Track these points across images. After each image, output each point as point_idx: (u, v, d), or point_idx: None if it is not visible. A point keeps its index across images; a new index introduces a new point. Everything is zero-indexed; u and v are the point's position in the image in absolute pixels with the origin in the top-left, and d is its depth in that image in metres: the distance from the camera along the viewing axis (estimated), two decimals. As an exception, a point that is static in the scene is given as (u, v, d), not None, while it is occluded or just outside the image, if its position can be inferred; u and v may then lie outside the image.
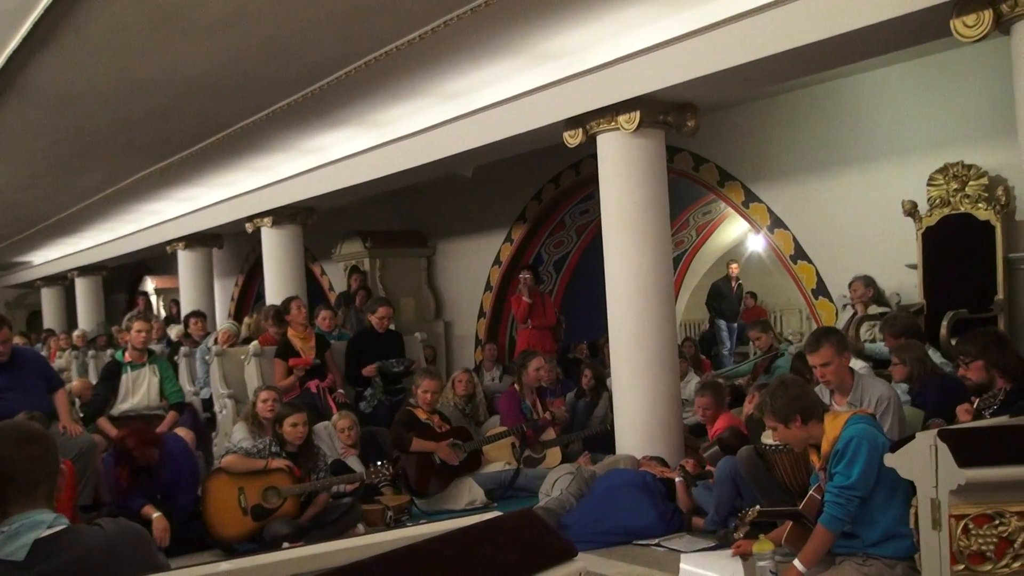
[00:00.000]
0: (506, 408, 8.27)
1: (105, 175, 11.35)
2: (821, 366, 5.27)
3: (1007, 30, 5.20)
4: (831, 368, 5.26)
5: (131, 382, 7.93)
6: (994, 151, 7.70)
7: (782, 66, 6.48)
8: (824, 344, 5.28)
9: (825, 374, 5.29)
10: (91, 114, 8.34)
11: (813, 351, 5.33)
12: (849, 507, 4.26)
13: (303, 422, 6.58)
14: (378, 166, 9.99)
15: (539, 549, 2.40)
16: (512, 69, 7.66)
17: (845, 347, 5.44)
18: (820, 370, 5.30)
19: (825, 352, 5.25)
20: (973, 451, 3.62)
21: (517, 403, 8.19)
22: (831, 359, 5.25)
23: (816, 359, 5.30)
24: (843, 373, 5.33)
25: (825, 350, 5.26)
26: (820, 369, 5.29)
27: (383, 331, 9.08)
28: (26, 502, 2.40)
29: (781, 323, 16.10)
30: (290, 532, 6.16)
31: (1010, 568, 3.64)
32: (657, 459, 6.94)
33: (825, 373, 5.29)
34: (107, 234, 16.90)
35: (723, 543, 5.68)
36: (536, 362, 8.33)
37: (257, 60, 7.06)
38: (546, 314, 11.11)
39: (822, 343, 5.30)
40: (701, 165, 10.24)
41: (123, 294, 22.09)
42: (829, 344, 5.28)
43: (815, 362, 5.31)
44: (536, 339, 10.94)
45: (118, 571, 2.34)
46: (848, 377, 5.37)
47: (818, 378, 5.41)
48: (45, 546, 2.33)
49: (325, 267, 15.75)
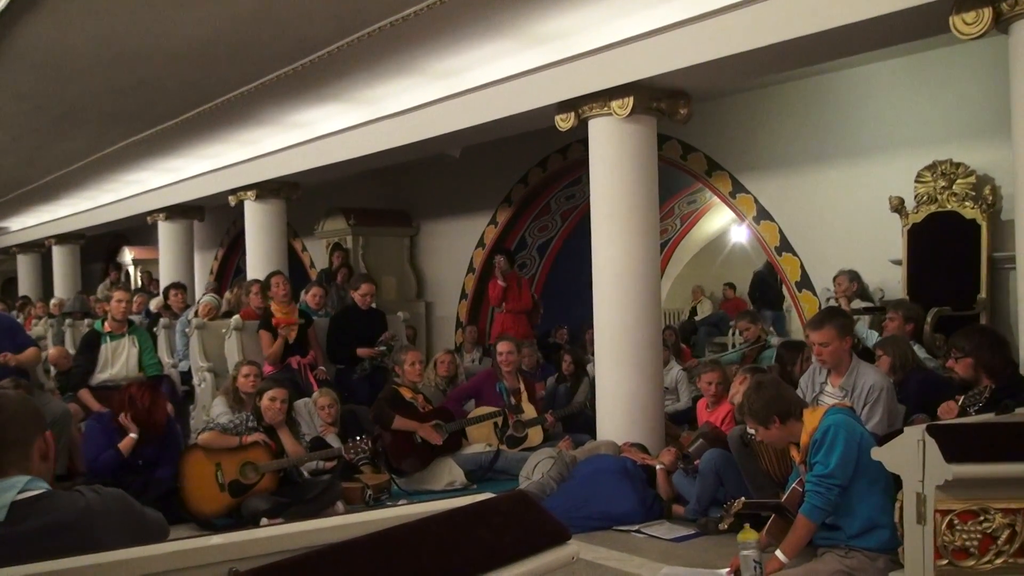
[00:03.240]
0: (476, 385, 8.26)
1: (87, 142, 11.22)
2: (820, 345, 5.34)
3: (1006, 29, 5.21)
4: (829, 349, 5.33)
5: (110, 352, 7.86)
6: (983, 150, 7.73)
7: (779, 57, 6.47)
8: (828, 324, 5.35)
9: (822, 353, 5.36)
10: (77, 80, 8.22)
11: (816, 329, 5.39)
12: (829, 496, 4.28)
13: (283, 398, 6.54)
14: (365, 143, 9.92)
15: (534, 531, 2.38)
16: (505, 50, 7.60)
17: (848, 332, 5.50)
18: (818, 348, 5.37)
19: (827, 332, 5.32)
20: (961, 447, 3.63)
21: (492, 383, 8.17)
22: (831, 340, 5.32)
23: (817, 337, 5.35)
24: (841, 355, 5.39)
25: (828, 330, 5.32)
26: (818, 348, 5.36)
27: (366, 308, 9.03)
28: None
29: (762, 315, 16.14)
30: (268, 508, 6.12)
31: (992, 564, 3.65)
32: (638, 446, 6.95)
33: (823, 352, 5.36)
34: (86, 202, 16.71)
35: (703, 531, 5.71)
36: (501, 346, 8.30)
37: (248, 31, 6.98)
38: (522, 298, 11.06)
39: (826, 323, 5.37)
40: (690, 154, 10.23)
41: (101, 263, 21.89)
42: (833, 325, 5.34)
43: (815, 339, 5.37)
44: (511, 323, 10.90)
45: (101, 537, 2.30)
46: (846, 361, 5.42)
47: (814, 356, 5.45)
48: (24, 508, 2.29)
49: (307, 243, 15.65)
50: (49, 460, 2.55)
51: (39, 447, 2.49)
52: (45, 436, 2.53)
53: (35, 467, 2.46)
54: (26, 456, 2.44)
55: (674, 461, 6.34)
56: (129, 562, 1.90)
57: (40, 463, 2.49)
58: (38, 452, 2.49)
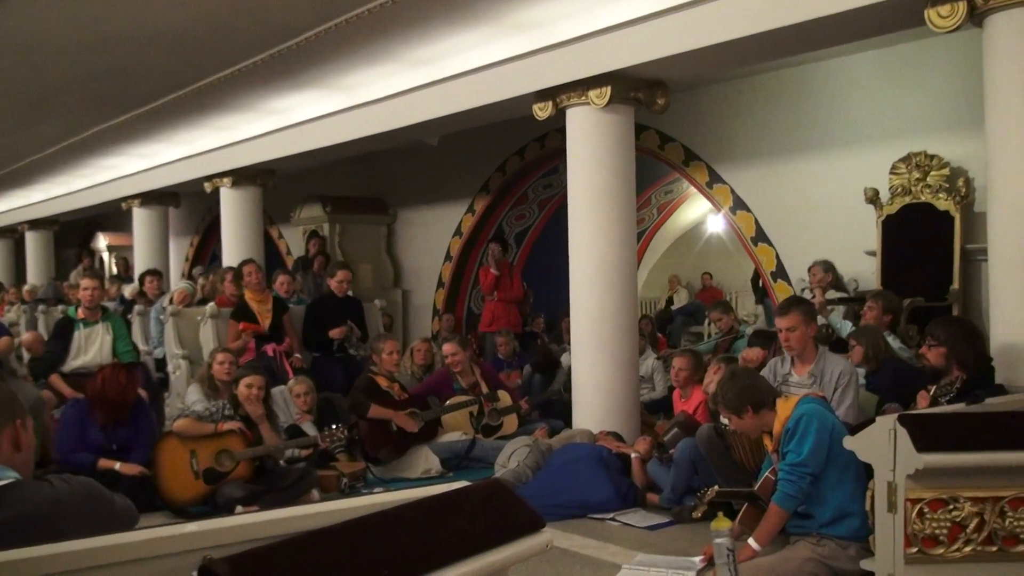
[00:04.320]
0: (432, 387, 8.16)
1: (62, 127, 11.11)
2: (787, 330, 5.43)
3: (980, 22, 5.27)
4: (796, 334, 5.42)
5: (83, 339, 7.80)
6: (957, 142, 7.80)
7: (755, 48, 6.51)
8: (793, 310, 5.46)
9: (789, 339, 5.45)
10: (51, 64, 8.13)
11: (782, 314, 5.50)
12: (801, 483, 4.32)
13: (259, 385, 6.51)
14: (342, 130, 9.89)
15: (508, 519, 2.39)
16: (484, 38, 7.59)
17: (813, 319, 5.61)
18: (785, 334, 5.46)
19: (793, 317, 5.42)
20: (931, 436, 3.67)
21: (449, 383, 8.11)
22: (798, 325, 5.41)
23: (783, 322, 5.45)
24: (807, 342, 5.49)
25: (793, 315, 5.42)
26: (785, 333, 5.46)
27: (342, 295, 9.00)
28: None
29: (737, 304, 16.22)
30: (243, 495, 6.10)
31: (961, 552, 3.70)
32: (613, 434, 6.98)
33: (789, 338, 5.44)
34: (60, 187, 16.55)
35: (677, 519, 5.74)
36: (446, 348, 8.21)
37: (225, 16, 6.92)
38: (513, 287, 11.07)
39: (792, 308, 5.49)
40: (667, 144, 10.25)
41: (74, 249, 21.70)
42: (798, 311, 5.46)
43: (782, 325, 5.47)
44: (502, 311, 10.92)
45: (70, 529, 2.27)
46: (811, 348, 5.52)
47: (782, 342, 5.52)
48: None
49: (283, 231, 15.58)
50: (23, 449, 2.51)
51: (8, 435, 2.46)
52: (16, 425, 2.49)
53: (4, 456, 2.43)
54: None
55: (649, 450, 6.37)
56: (101, 550, 1.89)
57: (12, 452, 2.46)
58: (8, 440, 2.45)
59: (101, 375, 6.51)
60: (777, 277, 9.35)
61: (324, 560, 1.96)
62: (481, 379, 8.15)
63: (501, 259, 10.99)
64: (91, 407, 6.44)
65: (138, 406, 6.65)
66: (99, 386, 6.41)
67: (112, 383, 6.40)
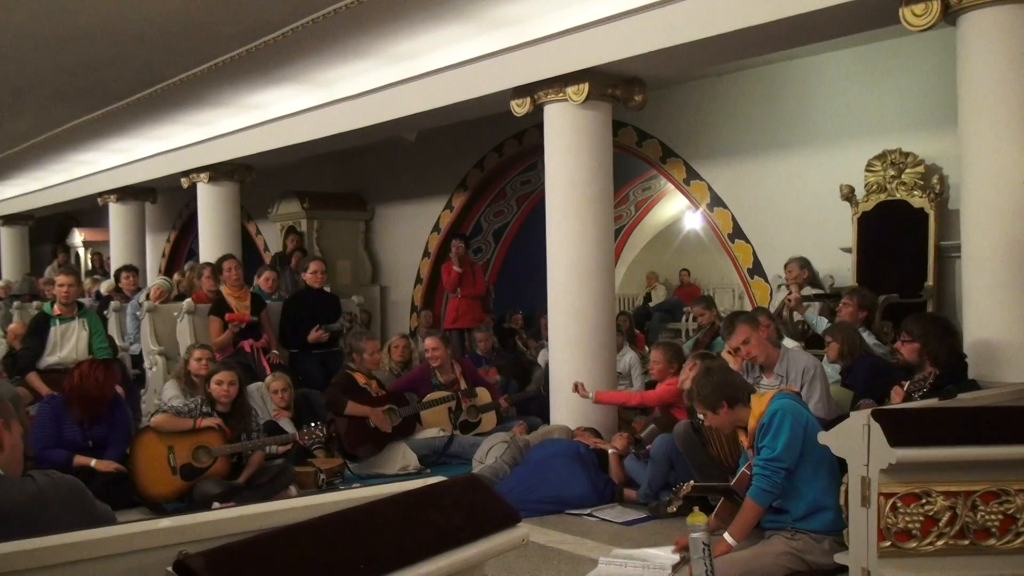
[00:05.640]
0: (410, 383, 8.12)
1: (35, 122, 11.03)
2: (743, 344, 5.52)
3: (954, 21, 5.33)
4: (752, 344, 5.52)
5: (59, 335, 7.73)
6: (931, 140, 7.87)
7: (732, 45, 6.54)
8: (738, 325, 5.59)
9: (749, 351, 5.55)
10: (24, 58, 8.07)
11: (729, 334, 5.63)
12: (775, 478, 4.35)
13: (230, 381, 6.46)
14: (320, 126, 9.87)
15: (484, 514, 2.40)
16: (461, 34, 7.59)
17: (758, 322, 5.71)
18: (744, 349, 5.55)
19: (741, 331, 5.54)
20: (904, 431, 3.70)
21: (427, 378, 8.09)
22: (748, 335, 5.53)
23: (735, 341, 5.58)
24: (765, 346, 5.58)
25: (740, 330, 5.54)
26: (743, 348, 5.55)
27: (318, 287, 8.96)
28: None
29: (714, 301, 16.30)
30: (221, 492, 6.07)
31: (934, 546, 3.74)
32: (591, 430, 7.00)
33: (749, 350, 5.55)
34: (35, 183, 16.44)
35: (654, 514, 5.77)
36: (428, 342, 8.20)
37: (203, 10, 6.90)
38: (476, 283, 11.06)
39: (736, 324, 5.61)
40: (645, 141, 10.29)
41: (50, 245, 21.54)
42: (741, 323, 5.59)
43: (734, 344, 5.60)
44: (466, 308, 10.91)
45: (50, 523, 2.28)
46: (773, 351, 5.62)
47: (743, 357, 5.58)
48: None
49: (260, 226, 15.52)
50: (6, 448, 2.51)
51: None
52: None
53: None
54: None
55: (626, 446, 6.39)
56: (79, 544, 1.89)
57: None
58: None
59: (79, 371, 6.46)
60: (754, 274, 9.40)
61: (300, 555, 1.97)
62: (461, 376, 8.14)
63: (464, 256, 10.98)
64: (68, 403, 6.38)
65: (115, 402, 6.61)
66: (76, 382, 6.36)
67: (90, 379, 6.35)
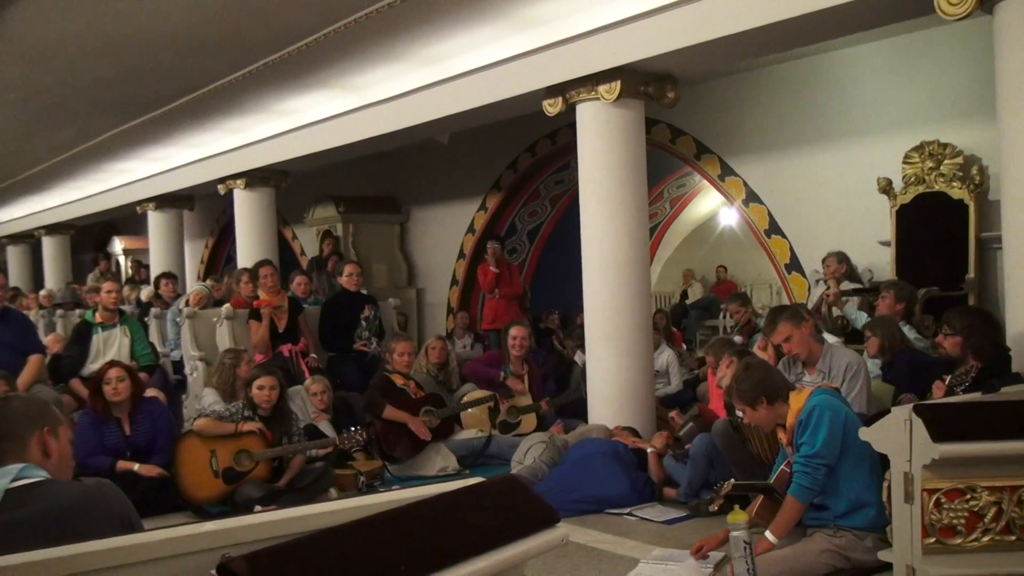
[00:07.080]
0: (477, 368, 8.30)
1: (76, 132, 11.18)
2: (785, 342, 5.47)
3: (990, 9, 5.23)
4: (794, 341, 5.47)
5: (102, 343, 7.86)
6: (969, 130, 7.76)
7: (765, 39, 6.49)
8: (779, 322, 5.52)
9: (791, 348, 5.50)
10: (65, 69, 8.19)
11: (771, 332, 5.58)
12: (816, 475, 4.31)
13: (271, 386, 6.50)
14: (354, 130, 9.91)
15: (523, 515, 2.40)
16: (493, 35, 7.59)
17: (801, 318, 5.62)
18: (786, 346, 5.51)
19: (783, 329, 5.48)
20: (947, 426, 3.65)
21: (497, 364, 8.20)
22: (790, 332, 5.47)
23: (777, 338, 5.53)
24: (808, 343, 5.51)
25: (782, 327, 5.49)
26: (785, 345, 5.50)
27: (355, 290, 9.03)
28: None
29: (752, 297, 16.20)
30: (262, 495, 6.13)
31: (979, 542, 3.68)
32: (629, 429, 6.97)
33: (791, 348, 5.50)
34: (76, 192, 16.66)
35: (694, 513, 5.75)
36: (515, 330, 8.32)
37: (236, 18, 6.96)
38: (512, 284, 11.12)
39: (777, 322, 5.55)
40: (678, 137, 10.24)
41: (91, 254, 21.83)
42: (784, 320, 5.52)
43: (776, 341, 5.55)
44: (503, 309, 10.96)
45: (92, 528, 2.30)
46: (816, 346, 5.56)
47: (786, 353, 5.53)
48: (17, 496, 2.31)
49: (297, 231, 15.63)
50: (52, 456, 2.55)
51: (37, 441, 2.51)
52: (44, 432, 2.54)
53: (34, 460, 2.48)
54: (23, 447, 2.48)
55: (665, 445, 6.37)
56: (122, 549, 1.91)
57: (41, 458, 2.51)
58: (37, 446, 2.51)
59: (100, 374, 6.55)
60: (791, 269, 9.33)
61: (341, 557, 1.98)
62: (527, 375, 8.22)
63: (501, 257, 11.02)
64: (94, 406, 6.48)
65: (156, 408, 6.69)
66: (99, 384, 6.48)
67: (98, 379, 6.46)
